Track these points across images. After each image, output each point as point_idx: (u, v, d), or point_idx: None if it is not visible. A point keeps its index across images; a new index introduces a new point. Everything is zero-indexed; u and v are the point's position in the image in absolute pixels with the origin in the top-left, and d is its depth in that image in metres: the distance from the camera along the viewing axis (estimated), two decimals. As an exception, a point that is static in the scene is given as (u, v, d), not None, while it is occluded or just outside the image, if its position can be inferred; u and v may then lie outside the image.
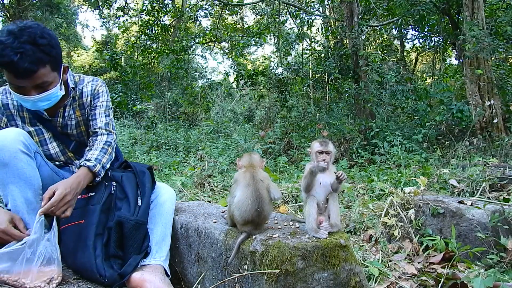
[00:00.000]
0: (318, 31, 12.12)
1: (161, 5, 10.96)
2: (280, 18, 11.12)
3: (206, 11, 15.76)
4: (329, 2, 10.92)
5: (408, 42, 12.94)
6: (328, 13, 12.14)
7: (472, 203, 2.32)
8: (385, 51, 12.54)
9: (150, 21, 10.90)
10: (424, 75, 15.29)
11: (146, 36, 11.12)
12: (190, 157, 6.39)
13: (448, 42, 9.70)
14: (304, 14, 11.10)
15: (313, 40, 11.33)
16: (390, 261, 2.08)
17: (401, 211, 2.41)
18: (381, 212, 2.51)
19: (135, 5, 14.71)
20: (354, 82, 8.80)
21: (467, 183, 3.03)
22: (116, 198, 1.77)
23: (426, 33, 10.50)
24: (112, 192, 1.79)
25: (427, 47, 11.70)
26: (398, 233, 2.29)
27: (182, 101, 13.79)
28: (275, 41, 12.10)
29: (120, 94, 11.21)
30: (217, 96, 14.66)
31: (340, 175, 1.53)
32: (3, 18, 13.91)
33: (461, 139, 6.05)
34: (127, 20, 13.38)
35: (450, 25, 8.64)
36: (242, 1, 13.38)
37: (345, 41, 10.16)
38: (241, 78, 11.42)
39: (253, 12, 18.28)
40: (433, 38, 10.82)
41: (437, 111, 7.09)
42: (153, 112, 13.02)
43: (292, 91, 10.11)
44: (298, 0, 12.43)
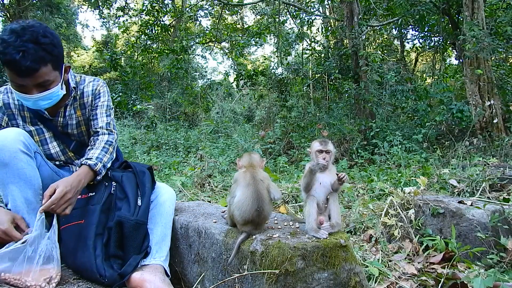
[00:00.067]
0: (318, 31, 12.12)
1: (161, 5, 10.96)
2: (280, 18, 11.11)
3: (206, 11, 15.77)
4: (329, 2, 10.92)
5: (408, 42, 12.96)
6: (328, 13, 12.13)
7: (472, 203, 2.32)
8: (385, 51, 12.53)
9: (150, 21, 10.90)
10: (424, 75, 15.28)
11: (146, 36, 11.12)
12: (190, 157, 6.39)
13: (448, 42, 9.70)
14: (304, 14, 11.10)
15: (313, 40, 11.33)
16: (390, 261, 2.08)
17: (401, 211, 2.41)
18: (381, 212, 2.51)
19: (135, 5, 14.71)
20: (354, 82, 8.80)
21: (467, 183, 3.02)
22: (116, 198, 1.77)
23: (426, 33, 10.50)
24: (112, 192, 1.79)
25: (427, 47, 11.70)
26: (398, 233, 2.29)
27: (182, 101, 13.79)
28: (275, 41, 12.10)
29: (120, 94, 11.20)
30: (217, 96, 14.66)
31: (342, 176, 1.53)
32: (3, 18, 13.92)
33: (461, 139, 6.05)
34: (127, 20, 13.38)
35: (450, 25, 8.64)
36: (242, 1, 13.38)
37: (345, 41, 10.16)
38: (241, 78, 11.42)
39: (253, 12, 18.28)
40: (433, 38, 10.83)
41: (437, 111, 7.09)
42: (153, 112, 13.02)
43: (292, 91, 10.11)
44: (298, 0, 12.43)
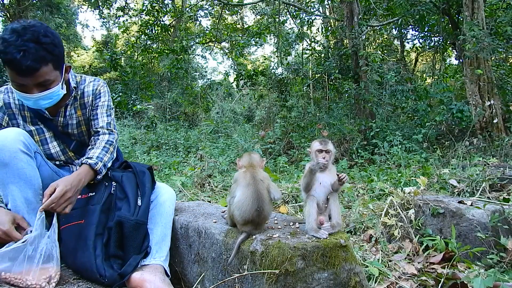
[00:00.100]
0: (318, 31, 12.12)
1: (161, 5, 10.96)
2: (280, 18, 11.11)
3: (206, 11, 15.77)
4: (329, 2, 10.92)
5: (408, 42, 12.96)
6: (328, 13, 12.13)
7: (472, 203, 2.32)
8: (385, 51, 12.53)
9: (150, 21, 10.90)
10: (424, 75, 15.28)
11: (146, 36, 11.12)
12: (190, 157, 6.39)
13: (448, 42, 9.70)
14: (304, 14, 11.10)
15: (313, 40, 11.33)
16: (390, 261, 2.08)
17: (401, 211, 2.41)
18: (381, 212, 2.51)
19: (135, 5, 14.71)
20: (354, 82, 8.80)
21: (467, 183, 3.02)
22: (116, 198, 1.77)
23: (426, 33, 10.50)
24: (112, 192, 1.78)
25: (427, 47, 11.70)
26: (398, 233, 2.29)
27: (182, 101, 13.79)
28: (275, 41, 12.10)
29: (120, 94, 11.21)
30: (217, 96, 14.66)
31: (342, 177, 1.54)
32: (3, 18, 13.93)
33: (461, 139, 6.05)
34: (127, 20, 13.38)
35: (450, 25, 8.64)
36: (242, 1, 13.38)
37: (345, 41, 10.16)
38: (241, 78, 11.42)
39: (253, 12, 18.28)
40: (433, 38, 10.83)
41: (437, 111, 7.09)
42: (153, 112, 13.03)
43: (292, 91, 10.11)
44: (298, 0, 12.43)
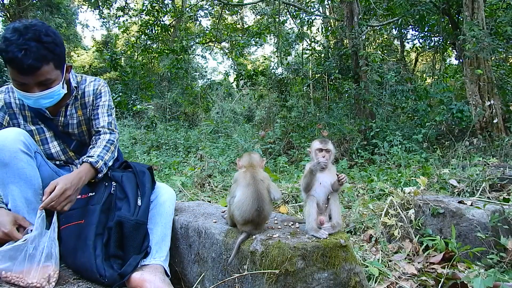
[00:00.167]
0: (318, 31, 12.12)
1: (161, 5, 10.96)
2: (280, 18, 11.11)
3: (206, 11, 15.77)
4: (329, 2, 10.92)
5: (408, 42, 12.96)
6: (328, 13, 12.13)
7: (472, 203, 2.32)
8: (385, 51, 12.53)
9: (150, 21, 10.90)
10: (424, 75, 15.28)
11: (146, 36, 11.12)
12: (190, 157, 6.39)
13: (448, 42, 9.70)
14: (304, 14, 11.10)
15: (313, 40, 11.33)
16: (390, 261, 2.08)
17: (401, 211, 2.41)
18: (381, 212, 2.51)
19: (135, 5, 14.71)
20: (354, 82, 8.80)
21: (467, 183, 3.03)
22: (116, 198, 1.77)
23: (426, 33, 10.50)
24: (112, 192, 1.78)
25: (427, 47, 11.70)
26: (398, 233, 2.29)
27: (182, 101, 13.79)
28: (275, 41, 12.10)
29: (120, 94, 11.21)
30: (217, 96, 14.66)
31: (341, 178, 1.54)
32: (3, 18, 13.93)
33: (461, 139, 6.05)
34: (127, 20, 13.38)
35: (450, 25, 8.64)
36: (242, 1, 13.38)
37: (345, 41, 10.16)
38: (241, 78, 11.42)
39: (253, 12, 18.28)
40: (433, 38, 10.82)
41: (437, 111, 7.09)
42: (153, 112, 13.03)
43: (292, 91, 10.11)
44: (298, 0, 12.43)
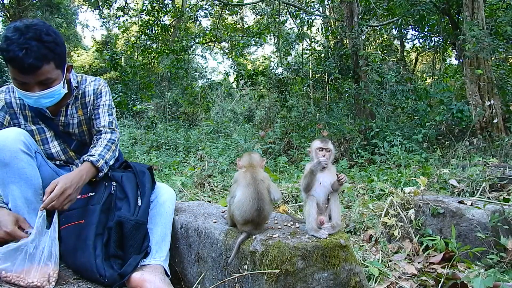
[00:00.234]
0: (318, 31, 12.12)
1: (161, 5, 10.96)
2: (280, 18, 11.11)
3: (206, 11, 15.77)
4: (329, 2, 10.92)
5: (408, 42, 12.95)
6: (328, 13, 12.13)
7: (472, 203, 2.32)
8: (385, 51, 12.53)
9: (150, 21, 10.90)
10: (424, 75, 15.28)
11: (146, 36, 11.12)
12: (190, 157, 6.39)
13: (448, 42, 9.70)
14: (304, 14, 11.10)
15: (313, 40, 11.33)
16: (390, 261, 2.08)
17: (401, 211, 2.41)
18: (381, 212, 2.51)
19: (135, 5, 14.71)
20: (354, 82, 8.80)
21: (467, 183, 3.03)
22: (116, 198, 1.77)
23: (426, 33, 10.49)
24: (112, 192, 1.78)
25: (427, 47, 11.70)
26: (398, 233, 2.29)
27: (182, 101, 13.79)
28: (275, 41, 12.10)
29: (120, 94, 11.21)
30: (217, 96, 14.67)
31: (341, 178, 1.55)
32: (3, 18, 13.92)
33: (461, 139, 6.05)
34: (127, 20, 13.38)
35: (450, 25, 8.63)
36: (242, 1, 13.38)
37: (345, 41, 10.16)
38: (241, 78, 11.42)
39: (253, 12, 18.28)
40: (433, 38, 10.82)
41: (437, 111, 7.09)
42: (153, 112, 13.03)
43: (292, 91, 10.11)
44: (298, 0, 12.43)
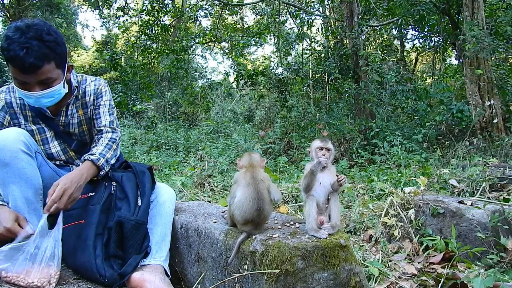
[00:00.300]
0: (318, 31, 12.12)
1: (161, 5, 10.96)
2: (280, 18, 11.11)
3: (206, 11, 15.77)
4: (329, 2, 10.92)
5: (408, 42, 12.96)
6: (328, 13, 12.13)
7: (472, 203, 2.32)
8: (385, 51, 12.53)
9: (150, 21, 10.90)
10: (424, 75, 15.28)
11: (146, 36, 11.12)
12: (190, 157, 6.39)
13: (448, 42, 9.70)
14: (304, 14, 11.10)
15: (313, 40, 11.33)
16: (390, 261, 2.08)
17: (401, 211, 2.41)
18: (381, 212, 2.51)
19: (135, 5, 14.71)
20: (354, 82, 8.80)
21: (467, 183, 3.02)
22: (116, 198, 1.77)
23: (426, 33, 10.49)
24: (112, 192, 1.78)
25: (427, 47, 11.70)
26: (398, 233, 2.29)
27: (182, 101, 13.79)
28: (275, 41, 12.11)
29: (120, 94, 11.20)
30: (217, 96, 14.67)
31: (341, 179, 1.55)
32: (3, 18, 13.93)
33: (461, 139, 6.05)
34: (127, 20, 13.38)
35: (450, 25, 8.63)
36: (242, 1, 13.38)
37: (345, 41, 10.16)
38: (241, 78, 11.42)
39: (253, 12, 18.28)
40: (433, 38, 10.82)
41: (437, 111, 7.09)
42: (153, 112, 13.03)
43: (292, 91, 10.11)
44: (298, 0, 12.43)
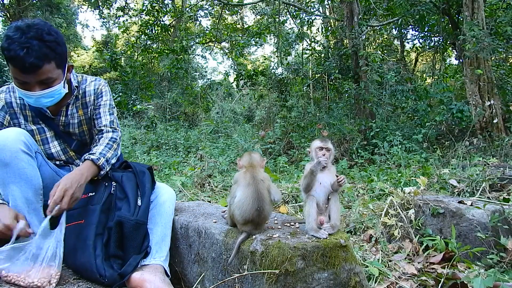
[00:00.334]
0: (318, 31, 12.13)
1: (161, 5, 10.96)
2: (280, 18, 11.11)
3: (206, 11, 15.77)
4: (329, 2, 10.92)
5: (408, 42, 12.96)
6: (328, 13, 12.14)
7: (472, 203, 2.32)
8: (385, 51, 12.53)
9: (150, 21, 10.90)
10: (424, 75, 15.28)
11: (146, 36, 11.12)
12: (190, 157, 6.39)
13: (448, 42, 9.70)
14: (304, 14, 11.10)
15: (313, 40, 11.33)
16: (390, 261, 2.08)
17: (401, 211, 2.41)
18: (381, 212, 2.51)
19: (135, 5, 14.71)
20: (354, 82, 8.80)
21: (467, 183, 3.02)
22: (116, 198, 1.77)
23: (426, 33, 10.49)
24: (112, 192, 1.78)
25: (427, 47, 11.70)
26: (398, 233, 2.29)
27: (182, 101, 13.79)
28: (275, 41, 12.11)
29: (120, 94, 11.20)
30: (217, 96, 14.67)
31: (340, 180, 1.55)
32: (3, 18, 13.93)
33: (461, 139, 6.05)
34: (127, 20, 13.38)
35: (450, 25, 8.63)
36: (242, 1, 13.38)
37: (345, 41, 10.16)
38: (241, 78, 11.42)
39: (253, 12, 18.28)
40: (433, 38, 10.82)
41: (437, 111, 7.09)
42: (153, 112, 13.03)
43: (292, 91, 10.11)
44: (298, 0, 12.43)
